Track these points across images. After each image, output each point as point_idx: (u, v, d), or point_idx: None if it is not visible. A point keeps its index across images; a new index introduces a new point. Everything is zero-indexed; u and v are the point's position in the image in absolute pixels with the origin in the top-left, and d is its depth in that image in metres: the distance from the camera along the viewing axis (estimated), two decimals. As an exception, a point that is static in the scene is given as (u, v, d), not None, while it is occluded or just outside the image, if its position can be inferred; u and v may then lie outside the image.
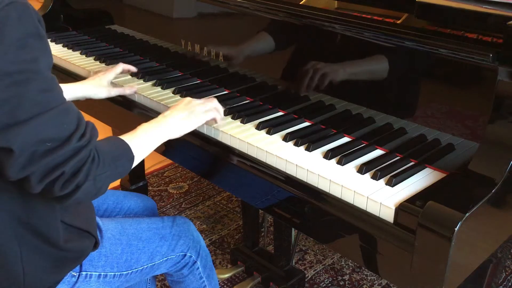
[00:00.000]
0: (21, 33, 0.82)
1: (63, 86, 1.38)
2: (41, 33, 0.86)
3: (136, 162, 1.07)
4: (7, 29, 0.80)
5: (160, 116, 1.19)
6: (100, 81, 1.47)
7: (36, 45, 0.85)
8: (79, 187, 0.90)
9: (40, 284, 1.04)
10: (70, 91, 1.40)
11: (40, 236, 1.00)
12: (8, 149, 0.83)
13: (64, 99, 0.91)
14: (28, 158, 0.85)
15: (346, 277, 2.02)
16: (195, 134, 1.33)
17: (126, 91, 1.50)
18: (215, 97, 1.41)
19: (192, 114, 1.22)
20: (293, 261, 1.82)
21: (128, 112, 1.51)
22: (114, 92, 1.48)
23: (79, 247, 1.07)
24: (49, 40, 1.94)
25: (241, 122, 1.32)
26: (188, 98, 1.26)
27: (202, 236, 1.38)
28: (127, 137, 1.07)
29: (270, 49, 1.41)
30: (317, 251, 2.16)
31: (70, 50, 1.89)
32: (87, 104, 1.50)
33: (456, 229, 0.86)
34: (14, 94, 0.82)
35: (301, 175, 1.12)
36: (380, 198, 1.00)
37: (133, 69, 1.58)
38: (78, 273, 1.12)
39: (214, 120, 1.28)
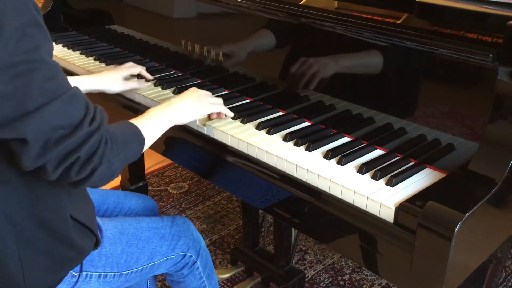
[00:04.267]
0: (19, 24, 0.82)
1: (77, 78, 1.37)
2: (39, 21, 0.86)
3: (146, 146, 1.08)
4: (5, 20, 0.80)
5: (167, 102, 1.21)
6: (115, 76, 1.47)
7: (36, 33, 0.84)
8: (95, 170, 0.91)
9: (41, 284, 1.04)
10: (83, 83, 1.39)
11: (47, 228, 1.00)
12: (22, 139, 0.84)
13: (70, 85, 0.91)
14: (42, 146, 0.85)
15: (346, 277, 2.02)
16: (195, 134, 1.33)
17: (140, 85, 1.51)
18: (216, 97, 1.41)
19: (199, 102, 1.25)
20: (293, 261, 1.82)
21: (128, 112, 1.51)
22: (128, 86, 1.48)
23: (81, 244, 1.07)
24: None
25: (241, 122, 1.32)
26: (195, 88, 1.29)
27: (202, 236, 1.38)
28: (136, 121, 1.09)
29: (270, 49, 1.41)
30: (317, 251, 2.16)
31: (70, 50, 1.89)
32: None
33: (456, 229, 0.86)
34: (20, 86, 0.82)
35: (301, 175, 1.12)
36: (380, 198, 1.00)
37: (149, 77, 1.57)
38: (78, 273, 1.12)
39: (218, 115, 1.30)
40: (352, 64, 1.26)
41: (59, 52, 1.87)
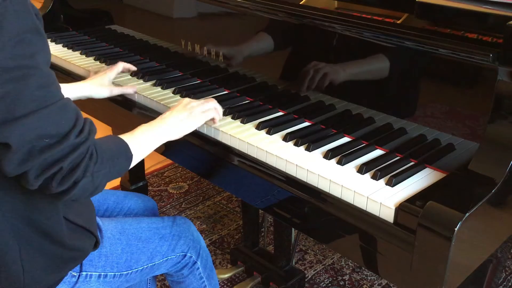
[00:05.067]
0: (19, 29, 0.81)
1: (65, 85, 1.37)
2: (39, 28, 0.85)
3: (134, 162, 1.07)
4: (5, 24, 0.80)
5: (159, 118, 1.20)
6: (102, 80, 1.47)
7: (34, 40, 0.84)
8: (77, 183, 0.90)
9: (40, 284, 1.04)
10: (72, 90, 1.40)
11: (42, 233, 1.00)
12: (5, 144, 0.83)
13: (62, 95, 0.91)
14: (26, 154, 0.85)
15: (346, 277, 2.02)
16: (195, 134, 1.33)
17: (128, 90, 1.50)
18: (215, 97, 1.41)
19: (191, 116, 1.22)
20: (293, 261, 1.82)
21: (128, 112, 1.51)
22: (116, 91, 1.48)
23: (80, 246, 1.07)
24: (49, 40, 1.95)
25: (241, 122, 1.32)
26: (187, 99, 1.26)
27: (202, 236, 1.38)
28: (126, 137, 1.07)
29: (270, 49, 1.41)
30: (317, 251, 2.16)
31: (70, 50, 1.89)
32: (87, 103, 1.50)
33: (456, 229, 0.86)
34: (12, 90, 0.82)
35: (301, 175, 1.12)
36: (380, 198, 1.00)
37: (133, 68, 1.59)
38: (78, 273, 1.12)
39: (213, 121, 1.28)
40: (351, 64, 1.26)
41: (59, 52, 1.87)
